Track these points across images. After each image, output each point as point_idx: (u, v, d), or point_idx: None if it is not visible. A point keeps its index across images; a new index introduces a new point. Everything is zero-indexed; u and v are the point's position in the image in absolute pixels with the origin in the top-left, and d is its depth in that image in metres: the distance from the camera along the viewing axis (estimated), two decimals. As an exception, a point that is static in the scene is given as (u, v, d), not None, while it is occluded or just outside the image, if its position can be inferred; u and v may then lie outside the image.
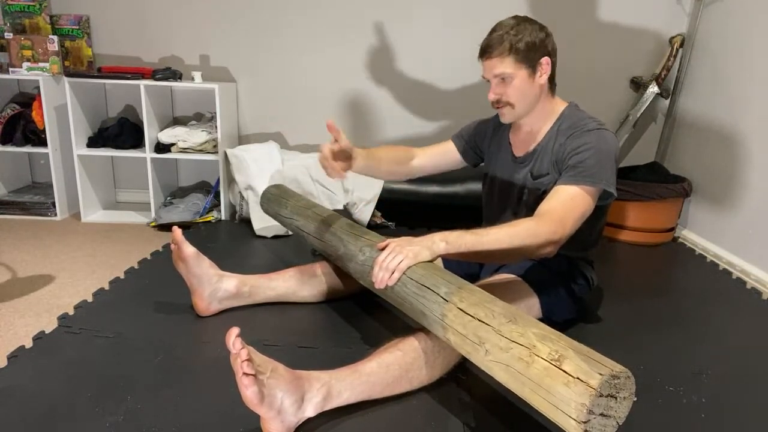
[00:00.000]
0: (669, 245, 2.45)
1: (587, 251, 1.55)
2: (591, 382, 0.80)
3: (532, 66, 1.38)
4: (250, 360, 0.96)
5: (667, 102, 2.71)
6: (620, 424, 0.85)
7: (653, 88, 2.59)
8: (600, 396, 0.80)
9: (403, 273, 1.18)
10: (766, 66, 2.07)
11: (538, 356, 0.88)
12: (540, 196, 1.42)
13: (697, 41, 2.55)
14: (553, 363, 0.85)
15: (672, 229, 2.50)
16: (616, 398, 0.82)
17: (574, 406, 0.81)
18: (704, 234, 2.41)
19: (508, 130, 1.59)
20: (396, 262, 1.18)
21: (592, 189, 1.30)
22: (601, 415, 0.82)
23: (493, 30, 1.41)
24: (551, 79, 1.44)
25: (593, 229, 1.51)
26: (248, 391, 0.95)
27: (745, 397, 1.25)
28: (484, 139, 1.67)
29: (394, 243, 1.24)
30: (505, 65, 1.36)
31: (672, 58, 2.57)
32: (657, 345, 1.49)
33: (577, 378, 0.82)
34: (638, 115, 2.62)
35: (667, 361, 1.40)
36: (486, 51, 1.39)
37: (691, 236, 2.48)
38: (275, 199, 1.94)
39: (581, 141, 1.35)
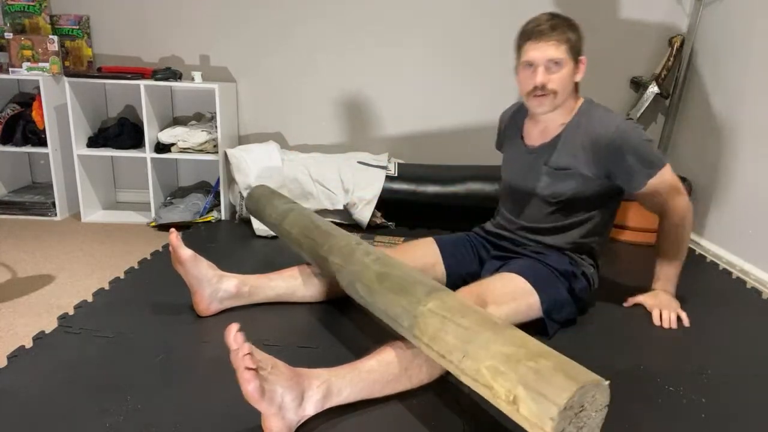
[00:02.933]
0: (669, 245, 2.44)
1: (597, 246, 1.60)
2: (546, 428, 0.79)
3: (576, 61, 1.44)
4: (251, 354, 0.96)
5: (667, 102, 2.71)
6: (603, 413, 0.84)
7: (653, 88, 2.59)
8: (562, 428, 0.79)
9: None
10: (766, 66, 2.07)
11: (498, 398, 0.88)
12: (557, 189, 1.49)
13: (697, 41, 2.55)
14: (511, 406, 0.85)
15: (672, 229, 2.49)
16: (584, 408, 0.81)
17: None
18: (704, 234, 2.41)
19: (523, 120, 1.63)
20: (675, 317, 1.59)
21: (664, 168, 1.45)
22: (578, 427, 0.81)
23: (542, 17, 1.44)
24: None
25: (608, 224, 1.61)
26: (249, 386, 0.95)
27: (745, 397, 1.25)
28: (504, 127, 1.76)
29: (661, 308, 1.61)
30: (562, 51, 1.40)
31: (672, 58, 2.57)
32: (657, 345, 1.49)
33: (534, 423, 0.81)
34: (638, 115, 2.62)
35: (667, 361, 1.40)
36: (543, 34, 1.40)
37: (691, 236, 2.48)
38: (256, 211, 1.95)
39: (625, 142, 1.41)
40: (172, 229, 1.49)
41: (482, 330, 0.96)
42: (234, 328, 0.97)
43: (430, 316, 1.05)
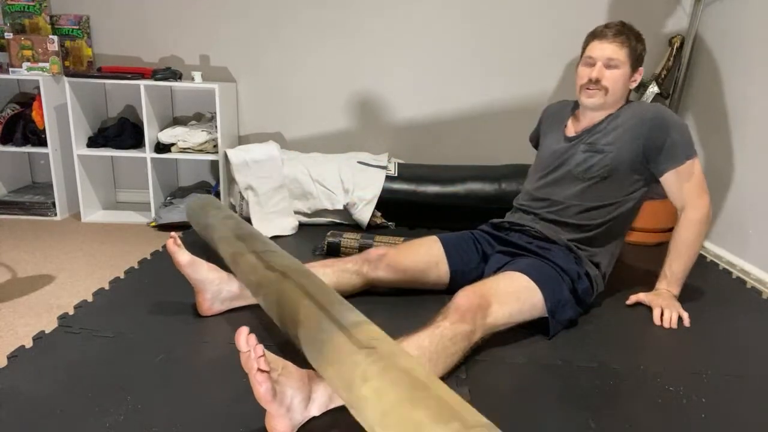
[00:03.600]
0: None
1: (612, 246, 1.66)
2: None
3: (634, 68, 1.57)
4: (264, 356, 0.97)
5: (667, 102, 2.71)
6: None
7: (653, 88, 2.59)
8: None
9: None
10: (766, 66, 2.07)
11: None
12: (592, 164, 1.57)
13: (697, 41, 2.55)
14: None
15: (672, 229, 2.49)
16: None
17: None
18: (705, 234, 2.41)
19: (569, 116, 1.72)
20: (676, 317, 1.57)
21: (694, 158, 1.53)
22: None
23: (611, 23, 1.57)
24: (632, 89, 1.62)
25: (625, 223, 1.68)
26: (262, 388, 0.96)
27: (745, 397, 1.25)
28: (546, 119, 1.83)
29: (663, 307, 1.59)
30: (621, 54, 1.53)
31: (672, 58, 2.57)
32: (657, 345, 1.49)
33: None
34: (638, 115, 2.61)
35: (667, 361, 1.40)
36: (606, 35, 1.54)
37: (691, 236, 2.48)
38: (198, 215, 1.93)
39: (669, 120, 1.52)
40: (172, 234, 1.49)
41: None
42: (245, 330, 0.97)
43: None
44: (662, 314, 1.59)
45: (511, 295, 1.37)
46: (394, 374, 0.88)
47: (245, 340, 0.97)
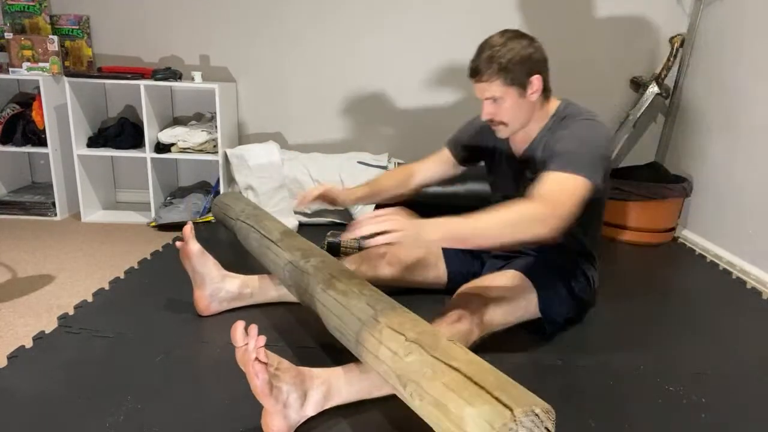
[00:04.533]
0: (669, 245, 2.45)
1: (587, 246, 1.55)
2: None
3: (522, 85, 1.35)
4: (263, 348, 0.97)
5: (667, 102, 2.71)
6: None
7: (653, 88, 2.59)
8: None
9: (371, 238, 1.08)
10: (766, 66, 2.07)
11: (448, 421, 0.84)
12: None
13: (697, 41, 2.55)
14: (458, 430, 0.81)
15: (672, 229, 2.50)
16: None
17: None
18: (704, 234, 2.41)
19: None
20: (386, 226, 1.07)
21: (579, 177, 1.25)
22: None
23: (481, 50, 1.36)
24: (544, 89, 1.41)
25: (591, 223, 1.51)
26: (259, 380, 0.96)
27: (745, 397, 1.25)
28: (481, 134, 1.64)
29: (390, 214, 1.12)
30: (494, 88, 1.34)
31: (672, 58, 2.57)
32: (657, 345, 1.49)
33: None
34: (638, 115, 2.62)
35: (667, 361, 1.40)
36: (475, 73, 1.36)
37: (691, 236, 2.48)
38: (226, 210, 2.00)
39: (569, 130, 1.35)
40: (190, 222, 1.51)
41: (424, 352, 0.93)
42: (241, 324, 0.97)
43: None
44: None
45: (508, 294, 1.37)
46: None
47: (242, 333, 0.97)
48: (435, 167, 1.72)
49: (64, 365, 1.27)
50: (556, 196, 1.21)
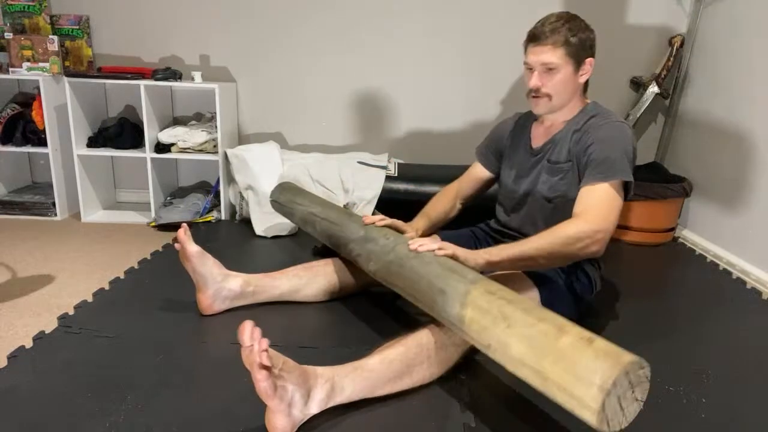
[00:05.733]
0: (669, 245, 2.45)
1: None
2: (623, 357, 0.82)
3: (578, 63, 1.42)
4: (267, 351, 0.97)
5: (667, 102, 2.71)
6: (626, 425, 0.85)
7: (653, 88, 2.59)
8: (626, 374, 0.82)
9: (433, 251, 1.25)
10: (766, 66, 2.07)
11: (567, 334, 0.90)
12: (555, 184, 1.46)
13: (697, 41, 2.55)
14: (583, 340, 0.87)
15: (672, 229, 2.50)
16: (633, 391, 0.84)
17: (600, 374, 0.81)
18: (704, 234, 2.41)
19: (531, 124, 1.62)
20: (435, 247, 1.26)
21: (619, 183, 1.33)
22: (618, 399, 0.82)
23: (546, 19, 1.42)
24: (587, 80, 1.48)
25: None
26: (264, 383, 0.96)
27: (745, 397, 1.25)
28: (502, 139, 1.70)
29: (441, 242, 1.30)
30: (556, 56, 1.38)
31: (672, 58, 2.57)
32: (657, 345, 1.49)
33: (608, 354, 0.84)
34: (638, 115, 2.62)
35: (667, 361, 1.40)
36: (539, 37, 1.40)
37: (691, 236, 2.48)
38: (290, 191, 2.03)
39: (604, 134, 1.38)
40: (184, 225, 1.50)
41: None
42: (250, 324, 0.97)
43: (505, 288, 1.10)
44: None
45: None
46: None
47: (250, 333, 0.97)
48: (474, 183, 1.77)
49: (64, 365, 1.27)
50: (603, 211, 1.29)
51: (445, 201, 1.75)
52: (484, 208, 2.30)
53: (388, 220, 1.55)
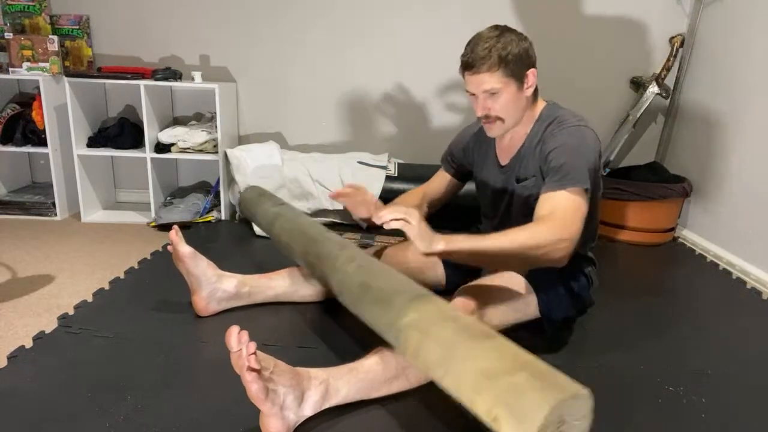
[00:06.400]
0: (669, 245, 2.45)
1: (586, 247, 1.54)
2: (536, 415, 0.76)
3: (520, 79, 1.35)
4: (255, 354, 0.97)
5: (667, 102, 2.71)
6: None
7: (653, 88, 2.59)
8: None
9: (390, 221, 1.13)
10: (766, 66, 2.07)
11: (483, 416, 0.84)
12: (525, 200, 1.42)
13: (697, 41, 2.55)
14: (494, 424, 0.81)
15: (672, 229, 2.50)
16: (564, 422, 0.79)
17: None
18: (704, 234, 2.41)
19: (493, 140, 1.56)
20: (400, 215, 1.13)
21: (580, 189, 1.25)
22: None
23: (476, 42, 1.36)
24: (535, 89, 1.41)
25: (590, 224, 1.50)
26: (254, 387, 0.96)
27: (745, 397, 1.25)
28: (466, 150, 1.65)
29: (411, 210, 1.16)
30: (495, 80, 1.32)
31: (672, 58, 2.57)
32: (657, 345, 1.49)
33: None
34: (638, 115, 2.61)
35: (667, 361, 1.40)
36: (472, 65, 1.35)
37: (691, 236, 2.48)
38: (252, 203, 1.87)
39: (560, 141, 1.32)
40: (174, 226, 1.50)
41: (461, 342, 0.91)
42: (235, 329, 0.97)
43: (410, 330, 0.99)
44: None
45: (506, 294, 1.37)
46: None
47: (236, 338, 0.97)
48: (440, 188, 1.75)
49: (64, 365, 1.27)
50: (565, 216, 1.21)
51: (413, 199, 1.71)
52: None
53: (358, 187, 1.44)
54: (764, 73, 2.07)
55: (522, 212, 1.43)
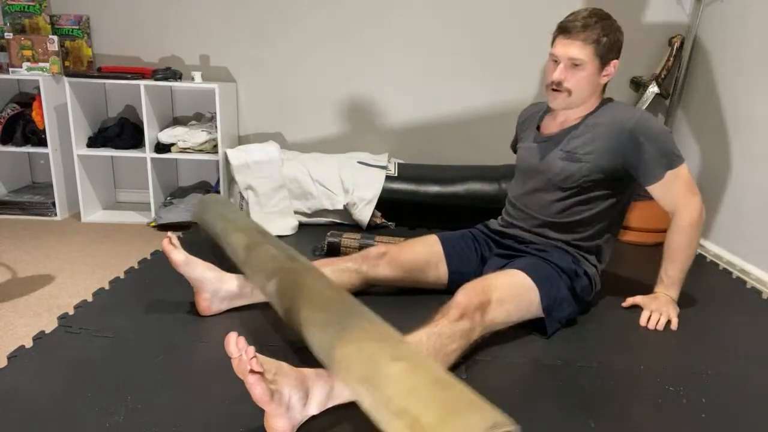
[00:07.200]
0: (669, 245, 2.44)
1: (603, 234, 1.60)
2: None
3: (604, 63, 1.44)
4: (256, 358, 0.97)
5: (667, 102, 2.71)
6: None
7: (653, 88, 2.59)
8: None
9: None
10: (766, 66, 2.07)
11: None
12: (570, 173, 1.49)
13: (697, 41, 2.55)
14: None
15: (672, 229, 2.49)
16: None
17: None
18: (704, 234, 2.41)
19: (543, 115, 1.65)
20: (663, 321, 1.54)
21: (682, 165, 1.46)
22: None
23: (581, 14, 1.43)
24: (607, 82, 1.51)
25: (612, 212, 1.58)
26: (257, 389, 0.96)
27: (745, 397, 1.25)
28: (519, 127, 1.77)
29: (653, 310, 1.58)
30: (585, 52, 1.40)
31: (672, 58, 2.57)
32: (657, 345, 1.49)
33: None
34: (638, 115, 2.61)
35: (667, 361, 1.40)
36: (570, 31, 1.41)
37: (691, 236, 2.48)
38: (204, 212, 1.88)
39: (647, 131, 1.43)
40: (168, 234, 1.49)
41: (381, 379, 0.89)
42: (233, 335, 0.97)
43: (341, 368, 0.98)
44: (650, 317, 1.57)
45: (510, 293, 1.37)
46: (425, 361, 0.92)
47: (235, 344, 0.97)
48: None
49: (64, 365, 1.27)
50: (687, 192, 1.48)
51: None
52: (483, 210, 2.31)
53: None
54: (764, 73, 2.07)
55: (561, 181, 1.51)
